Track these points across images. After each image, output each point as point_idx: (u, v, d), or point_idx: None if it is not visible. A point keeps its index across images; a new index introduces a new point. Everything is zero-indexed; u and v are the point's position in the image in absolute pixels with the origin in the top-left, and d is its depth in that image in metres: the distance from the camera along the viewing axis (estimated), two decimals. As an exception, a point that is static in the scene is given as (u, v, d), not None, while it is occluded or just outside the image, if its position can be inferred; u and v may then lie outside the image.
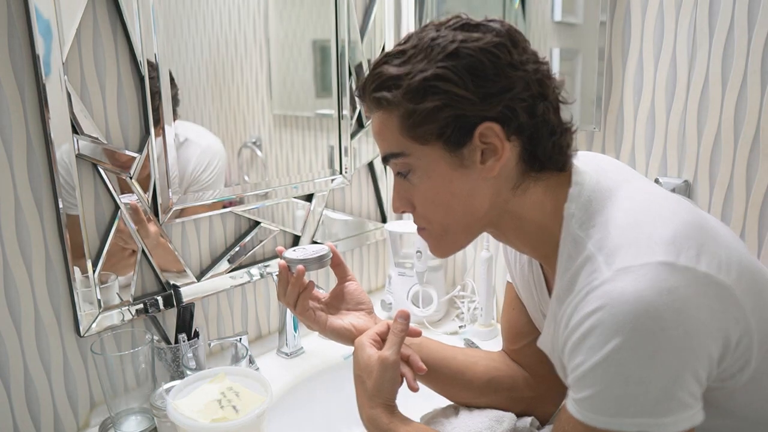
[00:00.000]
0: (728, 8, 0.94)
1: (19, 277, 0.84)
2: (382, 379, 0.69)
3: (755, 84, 0.93)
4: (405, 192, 0.67)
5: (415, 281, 1.29)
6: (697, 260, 0.52)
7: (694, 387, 0.51)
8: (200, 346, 0.90)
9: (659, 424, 0.50)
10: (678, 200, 0.61)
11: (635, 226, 0.55)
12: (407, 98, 0.60)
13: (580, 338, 0.53)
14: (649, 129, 1.07)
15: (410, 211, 0.68)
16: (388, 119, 0.63)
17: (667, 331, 0.49)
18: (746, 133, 0.96)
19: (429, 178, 0.63)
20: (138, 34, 0.91)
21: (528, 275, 0.77)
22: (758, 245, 0.98)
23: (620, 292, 0.51)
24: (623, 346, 0.50)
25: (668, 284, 0.50)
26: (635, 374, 0.50)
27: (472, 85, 0.58)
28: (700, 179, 1.03)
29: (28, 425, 0.88)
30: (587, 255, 0.56)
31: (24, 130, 0.81)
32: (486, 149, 0.61)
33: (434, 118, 0.59)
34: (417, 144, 0.62)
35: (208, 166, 1.06)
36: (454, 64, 0.58)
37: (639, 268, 0.51)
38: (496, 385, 0.83)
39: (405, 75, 0.60)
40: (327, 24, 1.23)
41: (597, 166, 0.65)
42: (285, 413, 1.03)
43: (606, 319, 0.51)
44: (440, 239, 0.69)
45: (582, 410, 0.54)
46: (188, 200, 1.02)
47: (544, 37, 1.17)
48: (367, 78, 0.64)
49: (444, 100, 0.58)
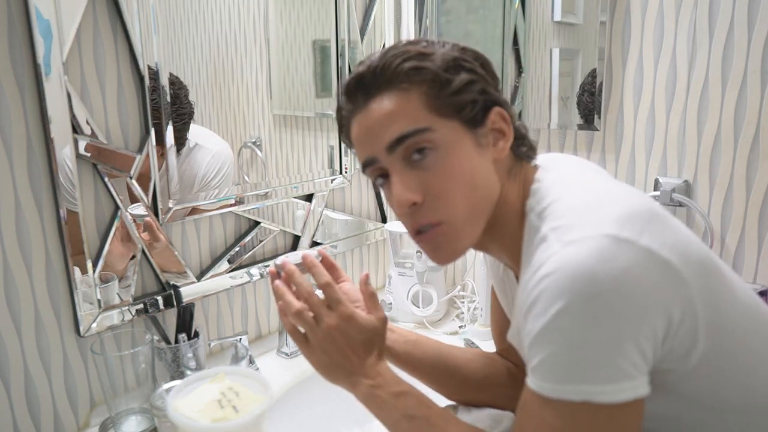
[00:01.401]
0: (728, 8, 0.94)
1: (19, 277, 0.84)
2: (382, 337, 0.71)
3: (755, 84, 0.94)
4: (416, 178, 0.62)
5: (415, 281, 1.29)
6: (640, 236, 0.53)
7: (637, 358, 0.52)
8: (200, 346, 0.90)
9: (601, 392, 0.51)
10: (636, 192, 0.63)
11: (587, 208, 0.57)
12: (443, 68, 0.61)
13: (529, 307, 0.55)
14: (649, 129, 1.07)
15: (419, 202, 0.63)
16: (408, 96, 0.61)
17: (605, 295, 0.50)
18: (746, 133, 0.96)
19: (453, 154, 0.62)
20: (138, 35, 0.91)
21: (503, 275, 0.79)
22: (758, 245, 0.98)
23: (563, 261, 0.52)
24: (563, 311, 0.51)
25: (609, 253, 0.51)
26: (576, 338, 0.51)
27: (486, 72, 0.64)
28: (700, 179, 1.03)
29: (28, 425, 0.88)
30: (541, 236, 0.58)
31: (24, 130, 0.81)
32: (493, 133, 0.65)
33: (467, 90, 0.62)
34: (441, 119, 0.61)
35: (219, 170, 1.07)
36: (468, 54, 0.64)
37: (584, 239, 0.53)
38: (493, 382, 0.84)
39: (435, 52, 0.62)
40: (327, 24, 1.23)
41: (562, 166, 0.68)
42: (285, 413, 1.03)
43: (550, 286, 0.53)
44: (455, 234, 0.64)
45: (534, 379, 0.55)
46: (188, 200, 1.02)
47: (544, 37, 1.17)
48: (388, 56, 0.62)
49: (472, 75, 0.62)
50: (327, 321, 0.68)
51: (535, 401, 0.55)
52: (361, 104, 0.64)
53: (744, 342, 0.60)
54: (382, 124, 0.62)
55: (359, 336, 0.68)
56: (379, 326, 0.70)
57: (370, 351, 0.69)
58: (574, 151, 1.18)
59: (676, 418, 0.63)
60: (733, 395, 0.61)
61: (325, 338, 0.68)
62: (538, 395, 0.55)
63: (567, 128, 1.18)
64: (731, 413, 0.62)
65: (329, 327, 0.68)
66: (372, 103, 0.63)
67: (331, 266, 0.82)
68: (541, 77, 1.19)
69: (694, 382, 0.59)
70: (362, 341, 0.68)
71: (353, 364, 0.68)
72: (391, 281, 1.33)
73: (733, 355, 0.59)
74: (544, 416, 0.55)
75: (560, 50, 1.17)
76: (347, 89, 0.65)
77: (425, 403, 0.68)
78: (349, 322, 0.68)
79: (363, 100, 0.64)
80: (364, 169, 0.67)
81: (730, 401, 0.61)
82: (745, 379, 0.61)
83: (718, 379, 0.60)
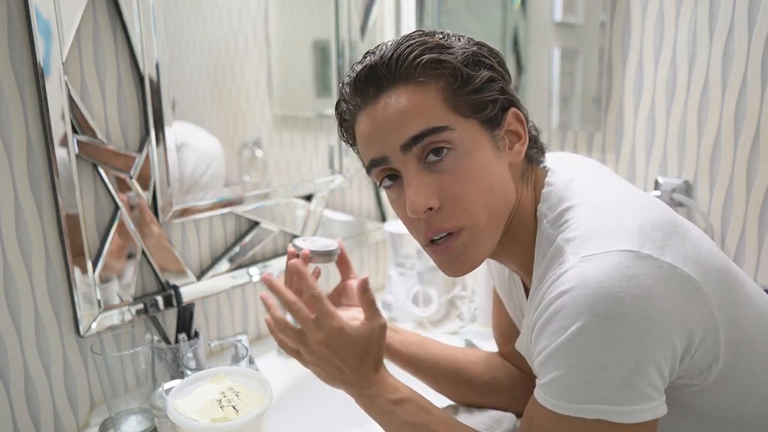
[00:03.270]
0: (728, 8, 0.94)
1: (19, 277, 0.84)
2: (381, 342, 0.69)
3: (755, 84, 0.93)
4: (432, 182, 0.58)
5: (415, 281, 1.29)
6: (662, 251, 0.52)
7: (656, 379, 0.51)
8: (200, 346, 0.90)
9: (617, 413, 0.50)
10: (651, 199, 0.61)
11: (603, 220, 0.55)
12: (463, 63, 0.57)
13: (544, 323, 0.53)
14: (649, 129, 1.07)
15: (435, 208, 0.58)
16: (425, 92, 0.57)
17: (627, 316, 0.49)
18: (746, 133, 0.96)
19: (472, 157, 0.57)
20: (138, 34, 0.91)
21: (508, 279, 0.77)
22: (758, 245, 0.98)
23: (582, 277, 0.51)
24: (583, 330, 0.50)
25: (630, 271, 0.50)
26: (595, 359, 0.50)
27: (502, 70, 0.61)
28: (700, 179, 1.03)
29: (28, 425, 0.88)
30: (556, 248, 0.56)
31: (24, 130, 0.81)
32: (509, 135, 0.62)
33: (488, 87, 0.58)
34: (460, 117, 0.57)
35: (208, 169, 1.06)
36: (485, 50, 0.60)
37: (602, 255, 0.51)
38: (497, 384, 0.83)
39: (454, 45, 0.58)
40: (327, 24, 1.23)
41: (571, 168, 0.65)
42: (285, 413, 1.03)
43: (568, 303, 0.51)
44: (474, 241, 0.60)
45: (545, 396, 0.54)
46: (188, 200, 1.02)
47: (544, 37, 1.17)
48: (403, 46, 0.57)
49: (493, 73, 0.59)
50: (314, 337, 0.66)
51: (546, 416, 0.54)
52: (372, 98, 0.58)
53: (764, 351, 0.58)
54: (396, 120, 0.57)
55: (350, 350, 0.66)
56: (374, 335, 0.67)
57: (364, 361, 0.66)
58: (574, 151, 1.18)
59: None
60: (750, 408, 0.60)
61: (314, 354, 0.67)
62: (550, 411, 0.53)
63: (567, 128, 1.18)
64: (747, 425, 0.61)
65: (317, 343, 0.66)
66: (385, 97, 0.57)
67: (343, 261, 0.81)
68: (541, 77, 1.19)
69: (712, 396, 0.58)
70: (354, 353, 0.66)
71: (347, 375, 0.67)
72: (391, 281, 1.33)
73: (754, 367, 0.58)
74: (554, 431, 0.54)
75: (560, 50, 1.17)
76: (356, 81, 0.59)
77: (425, 409, 0.67)
78: (338, 336, 0.65)
79: (374, 93, 0.58)
80: (371, 169, 0.62)
81: (746, 415, 0.60)
82: (764, 392, 0.59)
83: (737, 392, 0.58)
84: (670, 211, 0.58)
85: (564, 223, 0.57)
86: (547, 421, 0.54)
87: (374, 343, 0.67)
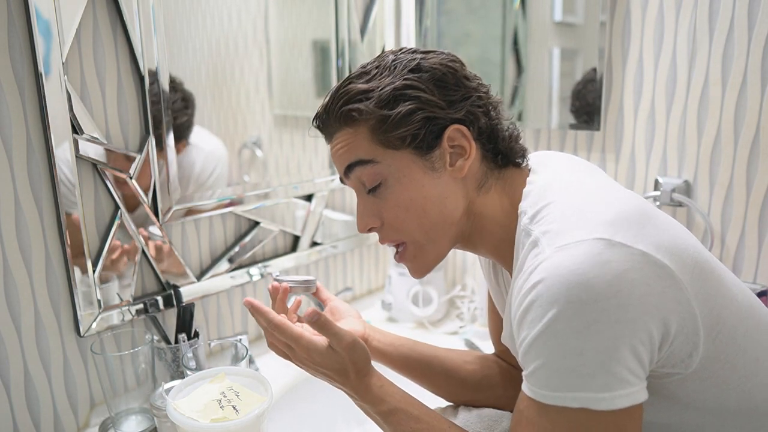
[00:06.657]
0: (728, 8, 0.94)
1: (19, 277, 0.84)
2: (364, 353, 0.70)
3: (755, 84, 0.94)
4: (372, 206, 0.68)
5: (415, 281, 1.29)
6: (635, 240, 0.53)
7: (633, 364, 0.52)
8: (200, 346, 0.90)
9: (598, 399, 0.51)
10: (629, 193, 0.63)
11: (578, 212, 0.57)
12: (379, 106, 0.63)
13: (522, 314, 0.55)
14: (649, 129, 1.07)
15: (377, 227, 0.68)
16: (356, 132, 0.65)
17: (600, 302, 0.50)
18: (746, 133, 0.96)
19: (401, 184, 0.65)
20: (138, 35, 0.91)
21: (497, 277, 0.79)
22: (758, 245, 0.98)
23: (556, 266, 0.52)
24: (559, 317, 0.51)
25: (602, 258, 0.51)
26: (572, 345, 0.51)
27: (437, 92, 0.64)
28: (700, 179, 1.03)
29: (28, 425, 0.88)
30: (533, 240, 0.58)
31: (24, 130, 0.81)
32: (453, 152, 0.65)
33: (408, 121, 0.63)
34: (388, 150, 0.64)
35: (213, 170, 1.07)
36: (418, 75, 0.64)
37: (576, 244, 0.53)
38: (491, 383, 0.84)
39: (374, 88, 0.64)
40: (327, 24, 1.23)
41: (554, 166, 0.68)
42: (285, 413, 1.03)
43: (543, 293, 0.52)
44: (419, 251, 0.68)
45: (530, 386, 0.55)
46: (189, 200, 1.02)
47: (544, 37, 1.18)
48: (333, 97, 0.66)
49: (415, 103, 0.63)
50: (295, 355, 0.70)
51: (533, 407, 0.55)
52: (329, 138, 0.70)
53: (743, 344, 0.59)
54: (338, 153, 0.68)
55: (327, 367, 0.68)
56: (342, 356, 0.68)
57: (346, 375, 0.68)
58: (574, 151, 1.18)
59: (677, 424, 0.63)
60: (732, 401, 0.61)
61: (302, 366, 0.71)
62: (535, 402, 0.54)
63: (567, 128, 1.18)
64: (731, 417, 0.62)
65: (299, 360, 0.70)
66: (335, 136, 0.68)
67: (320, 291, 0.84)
68: (541, 77, 1.19)
69: (694, 386, 0.59)
70: (333, 370, 0.68)
71: (338, 383, 0.70)
72: (390, 281, 1.33)
73: (733, 360, 0.59)
74: (541, 422, 0.54)
75: (560, 50, 1.17)
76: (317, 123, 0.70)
77: (413, 417, 0.68)
78: (311, 357, 0.68)
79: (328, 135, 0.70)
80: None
81: (729, 407, 0.61)
82: (745, 383, 0.60)
83: (718, 383, 0.59)
84: (647, 204, 0.60)
85: (542, 218, 0.60)
86: (534, 412, 0.55)
87: (346, 361, 0.68)
